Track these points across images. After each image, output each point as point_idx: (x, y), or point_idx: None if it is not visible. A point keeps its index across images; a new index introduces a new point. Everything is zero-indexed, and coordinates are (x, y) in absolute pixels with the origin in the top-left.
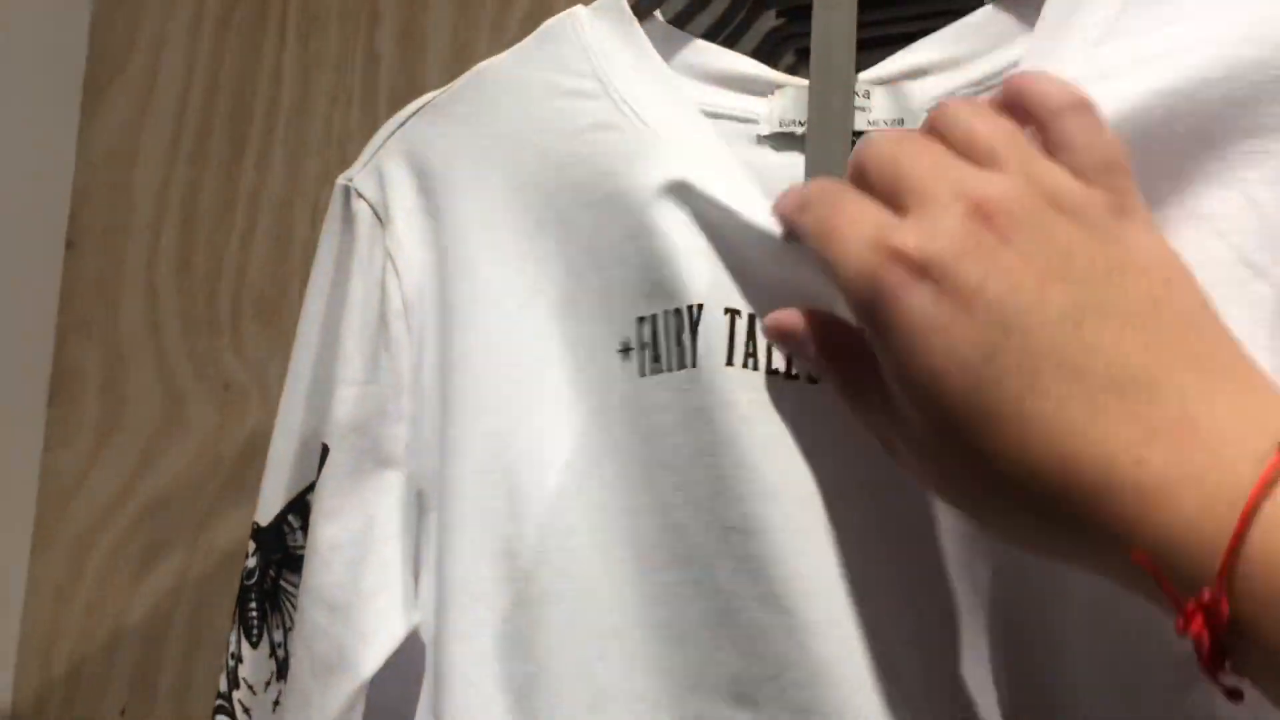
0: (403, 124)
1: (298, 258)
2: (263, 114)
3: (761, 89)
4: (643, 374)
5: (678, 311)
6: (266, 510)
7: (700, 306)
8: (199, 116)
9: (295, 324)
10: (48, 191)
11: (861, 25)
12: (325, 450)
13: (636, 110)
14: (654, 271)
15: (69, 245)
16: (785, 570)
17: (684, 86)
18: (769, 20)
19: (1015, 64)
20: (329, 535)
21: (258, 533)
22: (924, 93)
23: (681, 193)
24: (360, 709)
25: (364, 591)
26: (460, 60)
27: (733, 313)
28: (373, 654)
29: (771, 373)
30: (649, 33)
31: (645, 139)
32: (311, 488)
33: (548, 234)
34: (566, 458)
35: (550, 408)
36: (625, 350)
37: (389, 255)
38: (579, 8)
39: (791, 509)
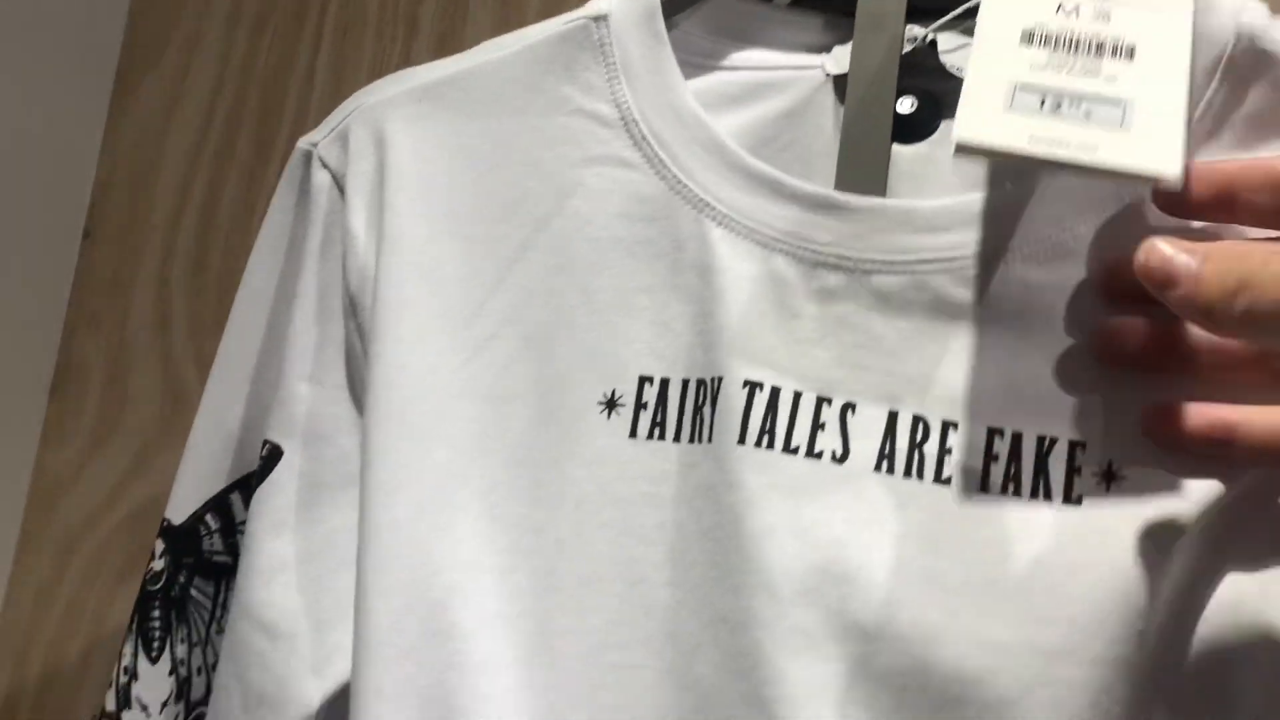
0: (383, 93)
1: None
2: (291, 118)
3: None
4: (633, 435)
5: (701, 382)
6: (181, 507)
7: (720, 379)
8: (227, 116)
9: None
10: (70, 180)
11: None
12: (274, 450)
13: (661, 155)
14: (673, 332)
15: (86, 235)
16: (772, 671)
17: (715, 122)
18: None
19: None
20: (275, 550)
21: (168, 531)
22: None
23: (709, 253)
24: None
25: (318, 621)
26: None
27: (753, 385)
28: (322, 690)
29: (790, 451)
30: (700, 21)
31: (669, 189)
32: (237, 486)
33: (533, 261)
34: (520, 510)
35: (506, 451)
36: (609, 405)
37: (349, 237)
38: (614, 9)
39: (787, 606)
